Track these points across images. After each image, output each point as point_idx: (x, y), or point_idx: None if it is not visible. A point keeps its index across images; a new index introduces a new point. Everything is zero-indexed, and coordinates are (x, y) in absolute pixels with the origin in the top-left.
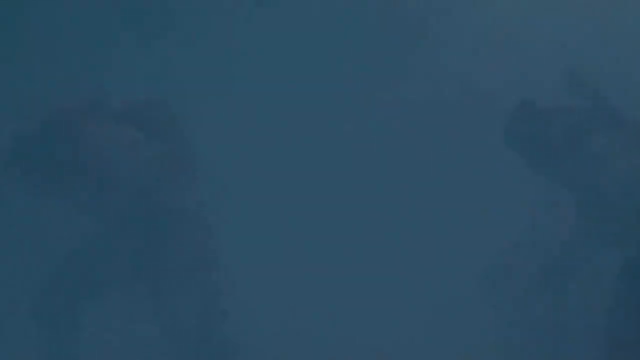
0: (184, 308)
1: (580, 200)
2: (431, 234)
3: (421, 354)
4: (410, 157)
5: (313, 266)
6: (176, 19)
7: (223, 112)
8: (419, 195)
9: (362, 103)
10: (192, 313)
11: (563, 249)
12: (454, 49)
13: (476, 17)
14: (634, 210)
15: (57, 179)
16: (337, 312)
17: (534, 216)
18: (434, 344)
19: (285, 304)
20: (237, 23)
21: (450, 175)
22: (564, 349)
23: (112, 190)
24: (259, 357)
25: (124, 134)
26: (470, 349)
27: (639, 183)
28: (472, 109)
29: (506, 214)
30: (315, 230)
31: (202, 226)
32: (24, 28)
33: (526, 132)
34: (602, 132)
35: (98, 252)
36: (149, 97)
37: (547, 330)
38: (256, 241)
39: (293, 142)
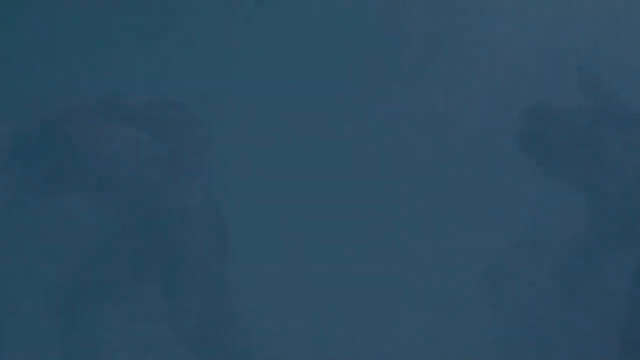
0: (191, 309)
1: (586, 201)
2: (434, 233)
3: (421, 354)
4: (414, 156)
5: (316, 265)
6: (176, 19)
7: (223, 112)
8: (424, 194)
9: (362, 103)
10: (199, 313)
11: (566, 249)
12: (455, 48)
13: (481, 17)
14: None
15: (57, 179)
16: (337, 311)
17: (536, 216)
18: (434, 344)
19: (289, 304)
20: (237, 23)
21: (453, 175)
22: (564, 349)
23: (113, 191)
24: (267, 357)
25: (125, 134)
26: (470, 349)
27: None
28: (476, 109)
29: (508, 214)
30: (317, 229)
31: (206, 226)
32: (24, 28)
33: (533, 132)
34: (610, 132)
35: (100, 253)
36: (149, 97)
37: (548, 330)
38: (262, 240)
39: (294, 142)
